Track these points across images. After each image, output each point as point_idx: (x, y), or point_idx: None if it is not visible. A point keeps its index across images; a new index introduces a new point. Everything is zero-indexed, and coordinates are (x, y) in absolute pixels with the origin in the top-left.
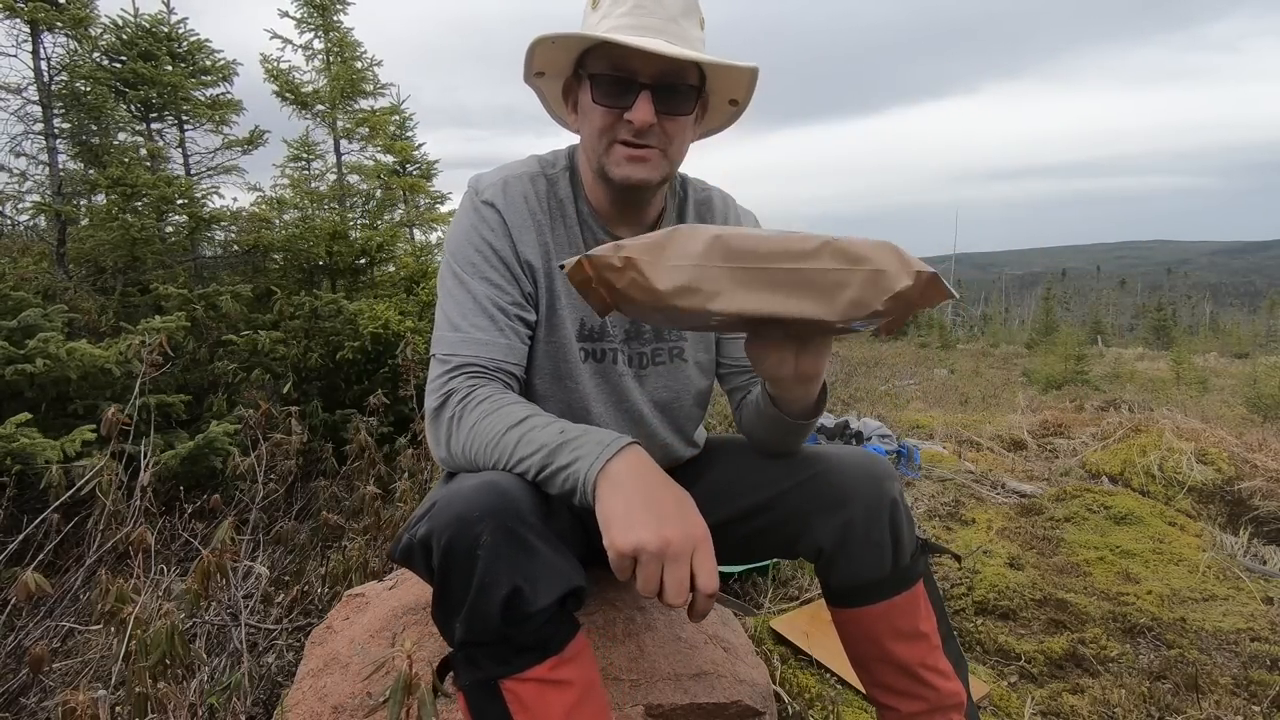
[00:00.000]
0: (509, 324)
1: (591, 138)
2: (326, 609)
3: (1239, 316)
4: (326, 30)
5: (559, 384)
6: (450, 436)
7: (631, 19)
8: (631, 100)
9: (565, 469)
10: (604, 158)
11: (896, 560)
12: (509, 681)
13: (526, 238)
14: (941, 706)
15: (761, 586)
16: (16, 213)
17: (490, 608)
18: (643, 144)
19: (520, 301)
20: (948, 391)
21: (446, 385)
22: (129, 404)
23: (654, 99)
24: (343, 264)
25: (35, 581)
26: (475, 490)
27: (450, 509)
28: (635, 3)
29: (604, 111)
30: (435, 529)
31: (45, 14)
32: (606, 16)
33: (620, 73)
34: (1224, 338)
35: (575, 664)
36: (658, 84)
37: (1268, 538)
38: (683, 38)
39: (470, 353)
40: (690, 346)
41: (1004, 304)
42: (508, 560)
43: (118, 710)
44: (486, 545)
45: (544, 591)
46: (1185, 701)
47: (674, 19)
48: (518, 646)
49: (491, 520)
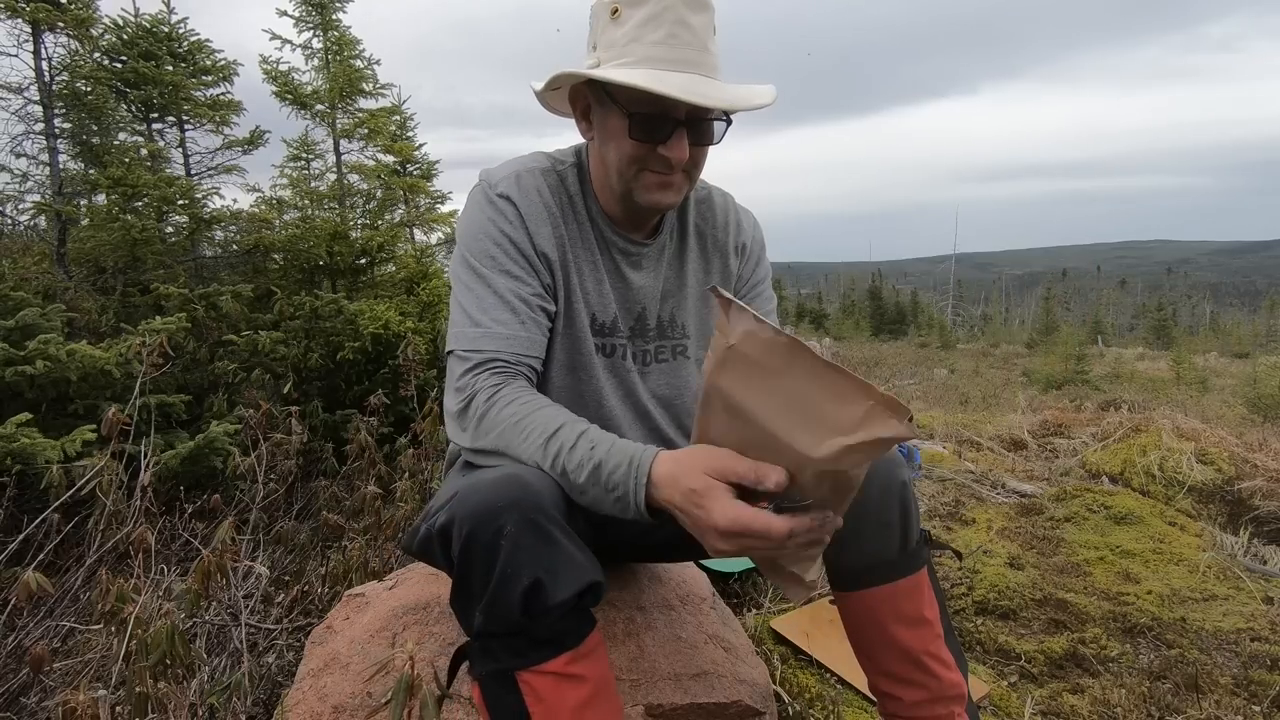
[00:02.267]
0: (531, 315)
1: (620, 164)
2: (327, 609)
3: (1239, 316)
4: (325, 29)
5: (574, 376)
6: (476, 436)
7: (666, 49)
8: (667, 135)
9: (612, 493)
10: (633, 183)
11: (904, 543)
12: (526, 673)
13: (543, 230)
14: (943, 696)
15: (761, 586)
16: (17, 213)
17: (511, 598)
18: (673, 173)
19: (541, 292)
20: (948, 391)
21: (471, 384)
22: (129, 404)
23: (688, 134)
24: (343, 264)
25: (36, 581)
26: (498, 481)
27: (473, 498)
28: (669, 31)
29: (637, 144)
30: (457, 518)
31: (46, 14)
32: (636, 40)
33: (656, 109)
34: (1224, 337)
35: (590, 660)
36: (692, 119)
37: (1268, 537)
38: (714, 66)
39: (492, 347)
40: (693, 344)
41: (1004, 304)
42: (530, 551)
43: (118, 710)
44: (509, 535)
45: (564, 584)
46: (1185, 701)
47: (704, 47)
48: (535, 639)
49: (515, 511)
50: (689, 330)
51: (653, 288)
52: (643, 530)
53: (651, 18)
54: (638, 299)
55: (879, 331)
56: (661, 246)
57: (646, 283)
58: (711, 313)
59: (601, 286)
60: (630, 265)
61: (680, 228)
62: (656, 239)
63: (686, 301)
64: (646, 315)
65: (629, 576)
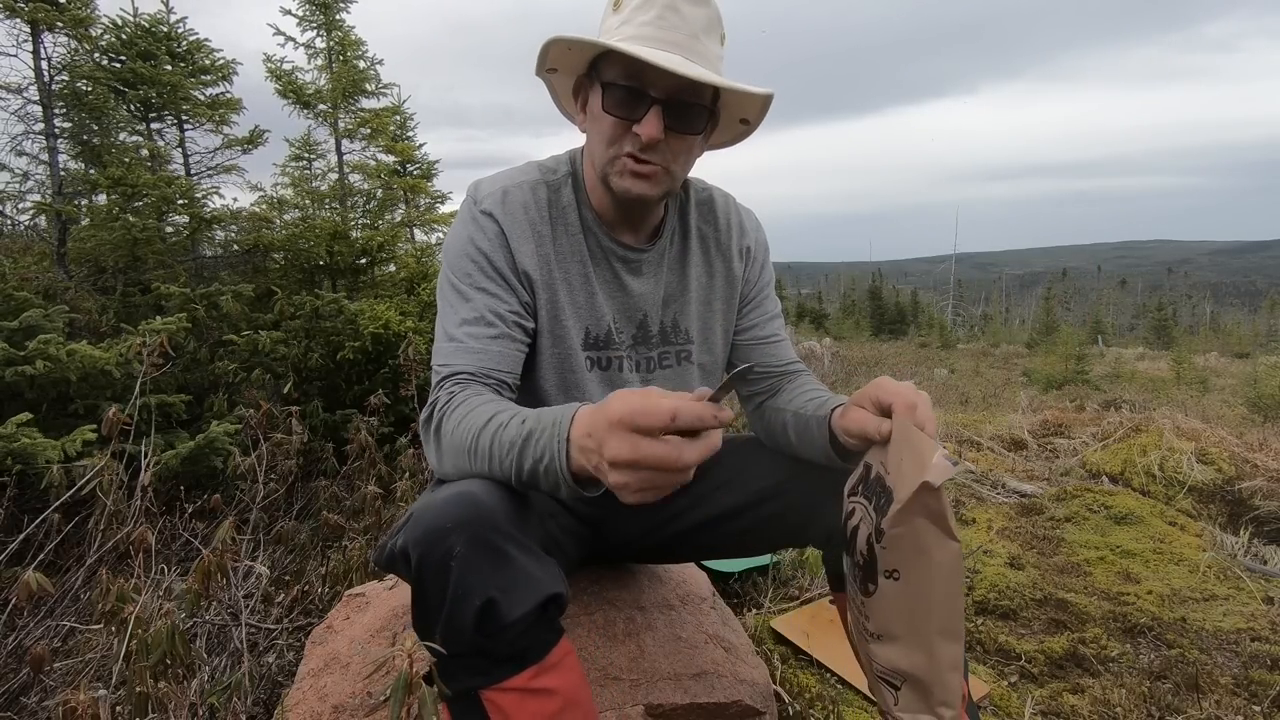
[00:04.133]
0: (506, 331)
1: (599, 144)
2: (327, 609)
3: (1239, 316)
4: (329, 29)
5: (566, 394)
6: (437, 445)
7: (653, 29)
8: (642, 113)
9: (539, 463)
10: (608, 166)
11: None
12: (489, 692)
13: (525, 248)
14: None
15: (761, 586)
16: (17, 213)
17: (464, 620)
18: (647, 159)
19: (519, 310)
20: (948, 391)
21: (436, 395)
22: (129, 404)
23: (664, 114)
24: (343, 264)
25: (36, 581)
26: (448, 501)
27: (424, 521)
28: (659, 13)
29: (613, 121)
30: (410, 541)
31: (46, 14)
32: (628, 22)
33: (633, 84)
34: (1224, 337)
35: (557, 672)
36: (669, 99)
37: (1268, 537)
38: (703, 55)
39: (462, 361)
40: (697, 349)
41: (1004, 304)
42: (481, 571)
43: (118, 710)
44: (459, 557)
45: (519, 601)
46: (1185, 701)
47: (696, 35)
48: (495, 657)
49: (464, 531)
50: (692, 335)
51: (653, 294)
52: (643, 530)
53: (646, 3)
54: (638, 306)
55: (879, 331)
56: (661, 252)
57: (647, 289)
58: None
59: (594, 299)
60: (630, 272)
61: (682, 230)
62: (656, 244)
63: (689, 306)
64: (648, 322)
65: (629, 576)
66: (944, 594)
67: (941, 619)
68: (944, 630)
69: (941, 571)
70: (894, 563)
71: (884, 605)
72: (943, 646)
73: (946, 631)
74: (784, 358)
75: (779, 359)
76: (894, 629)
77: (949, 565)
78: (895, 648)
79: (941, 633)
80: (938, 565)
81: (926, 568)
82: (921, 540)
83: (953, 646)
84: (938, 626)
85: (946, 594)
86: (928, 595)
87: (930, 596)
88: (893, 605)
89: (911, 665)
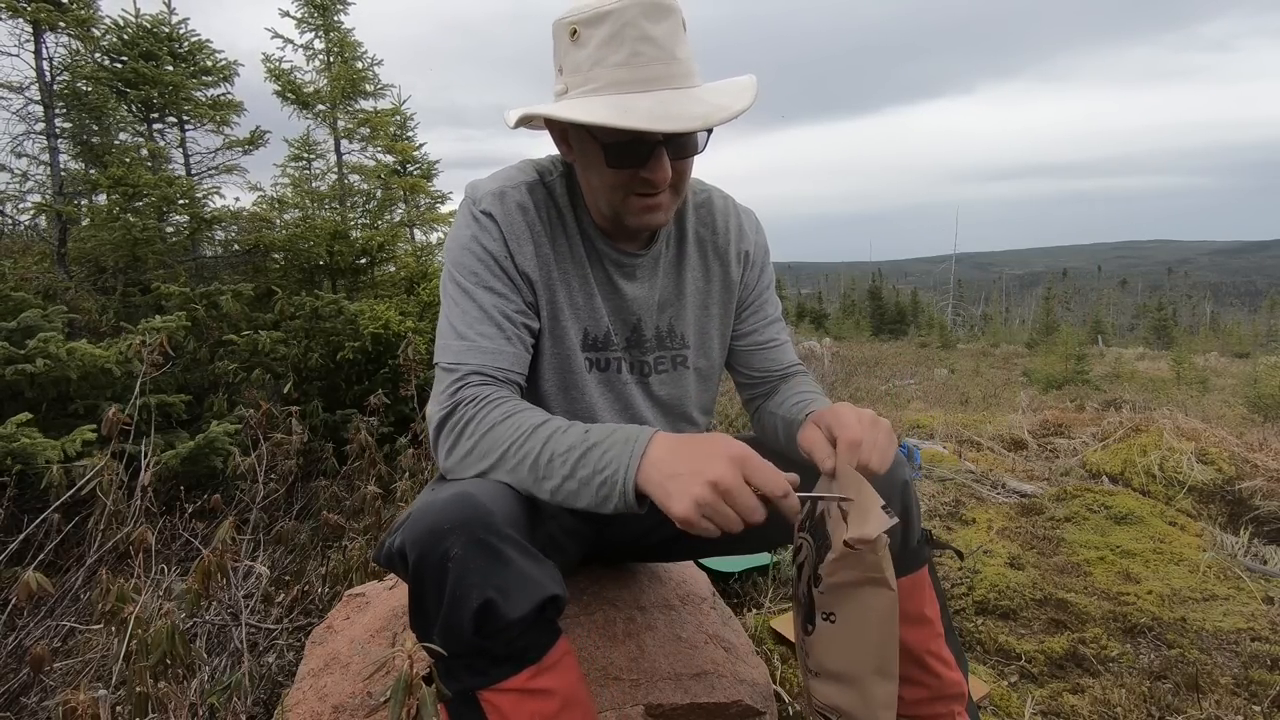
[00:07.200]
0: (515, 332)
1: (602, 191)
2: (327, 609)
3: (1239, 316)
4: (327, 30)
5: (565, 394)
6: (458, 442)
7: (629, 71)
8: (645, 158)
9: (599, 473)
10: (620, 208)
11: (905, 542)
12: (487, 692)
13: (524, 249)
14: (944, 695)
15: (761, 586)
16: (18, 213)
17: (462, 621)
18: (658, 192)
19: (524, 309)
20: (948, 391)
21: (456, 393)
22: (129, 404)
23: (668, 150)
24: (343, 264)
25: (36, 581)
26: (447, 502)
27: (422, 521)
28: (631, 51)
29: (617, 172)
30: (408, 541)
31: (48, 14)
32: (599, 64)
33: (632, 135)
34: (1224, 337)
35: (555, 672)
36: (670, 137)
37: (1268, 537)
38: (684, 74)
39: (477, 361)
40: (693, 353)
41: (1004, 304)
42: (479, 572)
43: (118, 710)
44: (456, 558)
45: (517, 602)
46: (1185, 701)
47: (673, 56)
48: (493, 657)
49: (462, 532)
50: (688, 340)
51: (648, 298)
52: (643, 530)
53: (612, 36)
54: (632, 310)
55: (879, 331)
56: (657, 256)
57: (641, 293)
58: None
59: (592, 300)
60: (623, 276)
61: (679, 234)
62: (651, 249)
63: (685, 311)
64: (643, 326)
65: (629, 576)
66: (879, 638)
67: (877, 660)
68: (879, 670)
69: (877, 617)
70: (830, 606)
71: (821, 645)
72: (877, 685)
73: (881, 671)
74: (783, 362)
75: (778, 363)
76: (830, 667)
77: (884, 611)
78: (831, 685)
79: (877, 672)
80: (873, 611)
81: (862, 614)
82: (857, 590)
83: (887, 685)
84: (873, 667)
85: (882, 638)
86: (863, 639)
87: (865, 640)
88: (829, 646)
89: (847, 704)
